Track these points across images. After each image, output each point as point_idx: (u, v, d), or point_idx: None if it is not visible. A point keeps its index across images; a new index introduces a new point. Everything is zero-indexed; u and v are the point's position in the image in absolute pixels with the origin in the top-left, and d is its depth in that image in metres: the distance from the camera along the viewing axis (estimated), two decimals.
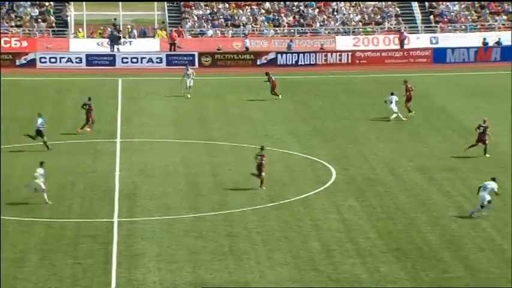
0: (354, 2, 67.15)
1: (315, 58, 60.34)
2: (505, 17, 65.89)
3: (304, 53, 60.57)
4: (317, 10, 66.63)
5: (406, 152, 36.61)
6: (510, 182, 32.15)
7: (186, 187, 31.89)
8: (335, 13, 66.41)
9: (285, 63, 59.71)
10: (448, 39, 63.30)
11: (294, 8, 66.71)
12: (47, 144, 36.45)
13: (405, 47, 62.12)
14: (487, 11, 66.58)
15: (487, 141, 35.32)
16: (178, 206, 29.74)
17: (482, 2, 67.10)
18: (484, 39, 62.32)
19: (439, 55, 60.94)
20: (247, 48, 61.49)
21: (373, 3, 66.92)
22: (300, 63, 59.67)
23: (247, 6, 66.64)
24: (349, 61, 60.26)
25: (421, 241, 26.25)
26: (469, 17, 66.16)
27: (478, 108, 44.61)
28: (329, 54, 60.69)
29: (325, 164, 34.72)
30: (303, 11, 66.39)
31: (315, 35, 64.30)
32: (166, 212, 29.13)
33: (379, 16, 66.12)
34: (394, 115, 42.49)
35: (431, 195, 30.66)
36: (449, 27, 65.34)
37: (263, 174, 31.10)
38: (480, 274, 23.78)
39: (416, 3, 66.91)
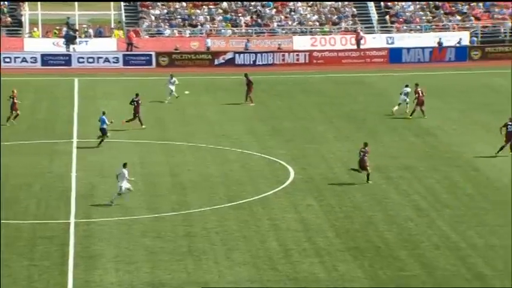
0: (311, 2, 67.48)
1: (273, 58, 60.54)
2: (459, 17, 66.80)
3: (261, 52, 60.72)
4: (274, 10, 66.82)
5: None
6: (465, 181, 32.60)
7: (144, 187, 31.71)
8: (292, 13, 66.67)
9: (242, 63, 59.77)
10: (403, 40, 63.94)
11: (251, 7, 66.81)
12: (102, 142, 37.15)
13: (362, 47, 62.63)
14: (442, 12, 67.43)
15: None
16: (136, 206, 29.56)
17: (437, 3, 67.92)
18: (440, 39, 63.11)
19: (395, 55, 61.55)
20: (208, 48, 61.43)
21: (329, 3, 67.33)
22: (257, 63, 59.78)
23: (204, 6, 66.55)
24: (307, 61, 60.57)
25: (378, 240, 26.46)
26: (424, 17, 66.94)
27: (433, 108, 45.14)
28: (286, 54, 60.93)
29: (283, 163, 34.83)
30: (260, 11, 66.51)
31: (273, 35, 64.47)
32: (124, 212, 28.94)
33: (335, 16, 66.54)
34: (396, 107, 43.05)
35: (388, 194, 30.93)
36: (405, 28, 66.03)
37: (368, 168, 31.52)
38: (436, 272, 24.06)
39: (372, 3, 67.47)
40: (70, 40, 60.40)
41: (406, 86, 44.03)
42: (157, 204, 29.84)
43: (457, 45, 62.65)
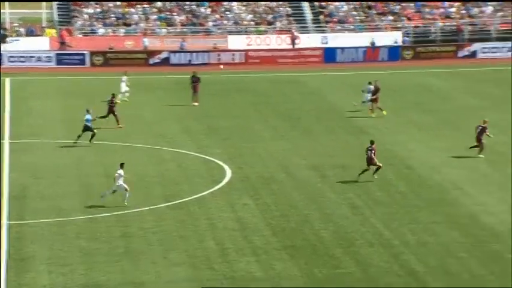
0: (246, 2, 67.64)
1: (208, 57, 60.51)
2: (391, 17, 67.87)
3: (197, 52, 60.63)
4: (209, 9, 66.76)
5: (299, 150, 37.15)
6: (398, 179, 33.15)
7: (78, 188, 31.33)
8: (227, 12, 66.70)
9: (178, 62, 59.58)
10: (337, 39, 64.63)
11: (186, 7, 66.60)
12: (93, 139, 36.98)
13: (296, 46, 63.07)
14: (374, 12, 68.38)
15: (483, 141, 35.30)
16: (70, 207, 29.18)
17: (370, 3, 68.86)
18: (372, 39, 63.97)
19: (329, 55, 62.18)
20: (145, 48, 61.06)
21: (264, 2, 67.59)
22: (193, 62, 59.65)
23: (138, 5, 66.06)
24: (242, 60, 60.71)
25: (314, 238, 26.69)
26: (357, 17, 67.77)
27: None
28: (222, 53, 60.97)
29: (219, 163, 34.83)
30: (195, 10, 66.36)
31: (208, 34, 64.40)
32: (57, 214, 28.53)
33: (270, 16, 66.84)
34: (362, 103, 43.49)
35: (324, 193, 31.21)
36: (339, 27, 66.74)
37: (378, 164, 32.07)
38: (370, 269, 24.39)
39: (306, 3, 67.99)
40: (0, 39, 59.31)
41: (369, 83, 44.24)
42: (91, 205, 29.50)
43: (394, 44, 63.68)
